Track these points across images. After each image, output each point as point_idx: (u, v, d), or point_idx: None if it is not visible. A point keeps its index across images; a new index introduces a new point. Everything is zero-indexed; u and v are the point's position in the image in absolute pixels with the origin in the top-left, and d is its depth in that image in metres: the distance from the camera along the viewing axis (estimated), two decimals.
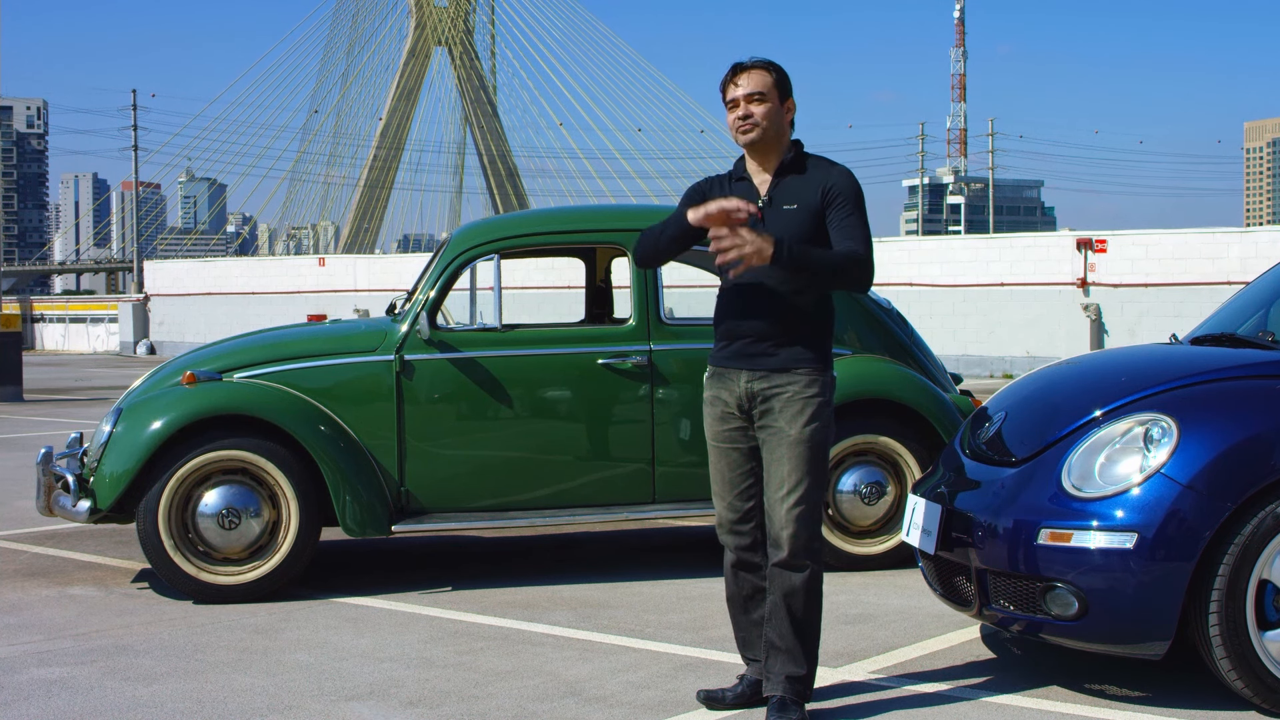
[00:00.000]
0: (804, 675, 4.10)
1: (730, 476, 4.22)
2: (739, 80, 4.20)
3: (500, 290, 6.33)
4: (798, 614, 4.08)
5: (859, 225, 4.10)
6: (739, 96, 4.18)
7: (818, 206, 4.12)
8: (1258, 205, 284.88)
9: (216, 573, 5.96)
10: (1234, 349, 4.77)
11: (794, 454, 4.05)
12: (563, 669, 4.78)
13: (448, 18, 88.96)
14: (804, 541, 4.04)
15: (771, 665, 4.12)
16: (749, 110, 4.16)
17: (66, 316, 43.73)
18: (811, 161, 4.23)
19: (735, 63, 4.24)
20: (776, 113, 4.18)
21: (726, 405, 4.21)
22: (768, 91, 4.18)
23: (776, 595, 4.09)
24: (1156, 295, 22.99)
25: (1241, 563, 3.98)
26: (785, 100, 4.21)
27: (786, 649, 4.09)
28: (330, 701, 4.43)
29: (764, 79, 4.19)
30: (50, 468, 6.30)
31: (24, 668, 4.90)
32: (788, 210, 4.13)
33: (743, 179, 4.25)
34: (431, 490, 6.20)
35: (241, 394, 6.10)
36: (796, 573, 4.06)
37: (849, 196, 4.12)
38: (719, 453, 4.24)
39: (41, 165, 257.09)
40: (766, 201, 4.17)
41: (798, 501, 4.04)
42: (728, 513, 4.23)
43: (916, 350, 6.75)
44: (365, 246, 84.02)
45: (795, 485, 4.04)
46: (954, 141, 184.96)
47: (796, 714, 4.04)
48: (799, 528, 4.03)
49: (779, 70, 4.23)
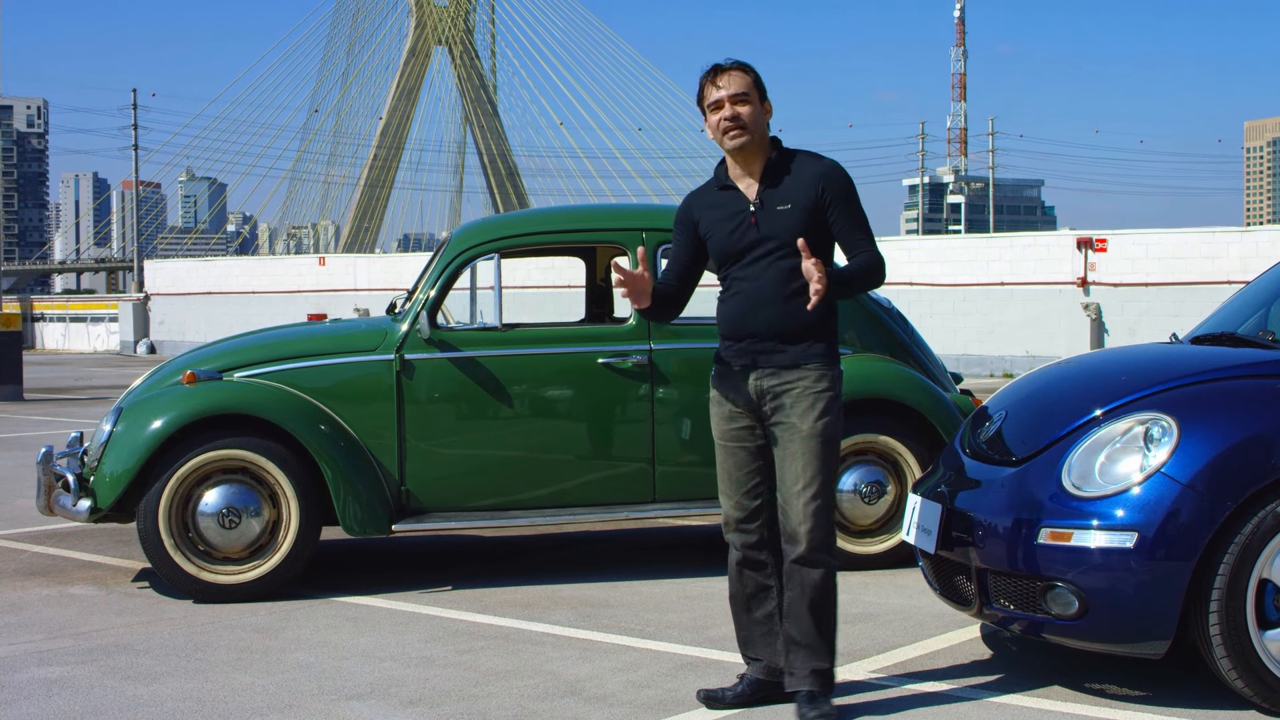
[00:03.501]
0: (827, 668, 4.16)
1: (738, 475, 4.22)
2: (720, 81, 4.17)
3: (500, 290, 6.33)
4: (818, 609, 4.13)
5: (864, 224, 4.18)
6: (723, 98, 4.15)
7: (814, 204, 4.13)
8: (1258, 205, 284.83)
9: (217, 572, 5.96)
10: (1234, 348, 4.77)
11: (808, 449, 4.08)
12: (563, 668, 4.78)
13: (448, 17, 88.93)
14: (821, 537, 4.09)
15: (794, 661, 4.16)
16: (735, 112, 4.14)
17: (67, 316, 43.74)
18: (795, 157, 4.22)
19: (713, 64, 4.22)
20: (759, 114, 4.18)
21: (734, 404, 4.21)
22: (749, 92, 4.17)
23: (795, 592, 4.13)
24: (1156, 294, 22.98)
25: (1242, 562, 3.98)
26: (764, 101, 4.21)
27: (808, 644, 4.13)
28: (330, 701, 4.43)
29: (745, 80, 4.18)
30: (50, 467, 6.30)
31: (24, 667, 4.90)
32: (782, 211, 4.13)
33: (728, 187, 4.24)
34: (432, 490, 6.20)
35: (242, 393, 6.10)
36: (815, 569, 4.11)
37: (848, 194, 4.16)
38: (726, 451, 4.24)
39: (41, 165, 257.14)
40: (758, 204, 4.16)
41: (814, 496, 4.08)
42: (735, 511, 4.24)
43: (917, 349, 6.75)
44: (365, 246, 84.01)
45: (810, 480, 4.07)
46: (954, 141, 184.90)
47: (826, 705, 4.10)
48: (816, 524, 4.08)
49: (755, 72, 4.23)
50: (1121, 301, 23.44)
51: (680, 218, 4.35)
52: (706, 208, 4.27)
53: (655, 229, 6.43)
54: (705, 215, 4.26)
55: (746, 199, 4.19)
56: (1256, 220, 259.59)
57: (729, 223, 4.19)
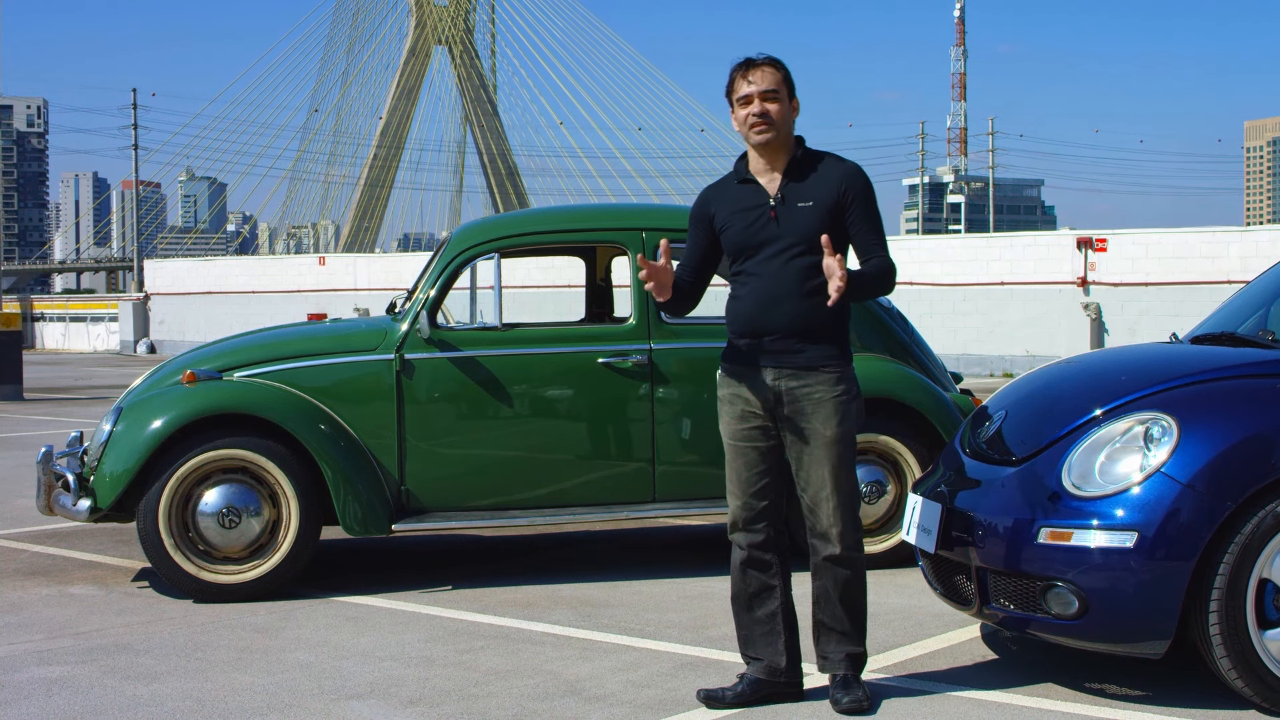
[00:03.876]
0: (861, 652, 4.27)
1: (747, 476, 4.23)
2: (751, 76, 4.17)
3: (500, 289, 6.33)
4: (851, 601, 4.24)
5: (880, 229, 4.22)
6: (752, 93, 4.15)
7: (835, 204, 4.15)
8: (1258, 205, 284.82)
9: (217, 572, 5.96)
10: (1234, 348, 4.77)
11: (833, 454, 4.16)
12: (563, 668, 4.78)
13: (448, 17, 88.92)
14: (851, 536, 4.20)
15: (827, 646, 4.27)
16: (765, 109, 4.14)
17: (67, 315, 43.72)
18: (819, 158, 4.23)
19: (745, 58, 4.21)
20: (787, 111, 4.19)
21: (748, 404, 4.22)
22: (779, 89, 4.18)
23: (827, 584, 4.24)
24: (1156, 294, 22.98)
25: (1241, 562, 3.98)
26: (793, 99, 4.22)
27: (842, 631, 4.24)
28: (330, 701, 4.43)
29: (776, 76, 4.18)
30: (50, 466, 6.30)
31: (24, 667, 4.90)
32: (802, 208, 4.14)
33: (748, 180, 4.24)
34: (432, 489, 6.20)
35: (242, 393, 6.10)
36: (849, 566, 4.22)
37: (868, 198, 4.20)
38: (736, 451, 4.25)
39: (41, 164, 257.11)
40: (779, 199, 4.17)
41: (844, 499, 4.18)
42: (742, 511, 4.25)
43: (917, 349, 6.75)
44: (365, 245, 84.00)
45: (838, 484, 4.17)
46: (954, 140, 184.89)
47: (860, 690, 4.19)
48: (846, 525, 4.19)
49: (786, 68, 4.23)
50: (1121, 301, 23.44)
51: (696, 211, 4.35)
52: (724, 200, 4.27)
53: (655, 229, 6.43)
54: (723, 208, 4.26)
55: (767, 193, 4.19)
56: (1256, 220, 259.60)
57: (747, 215, 4.19)
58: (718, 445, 6.28)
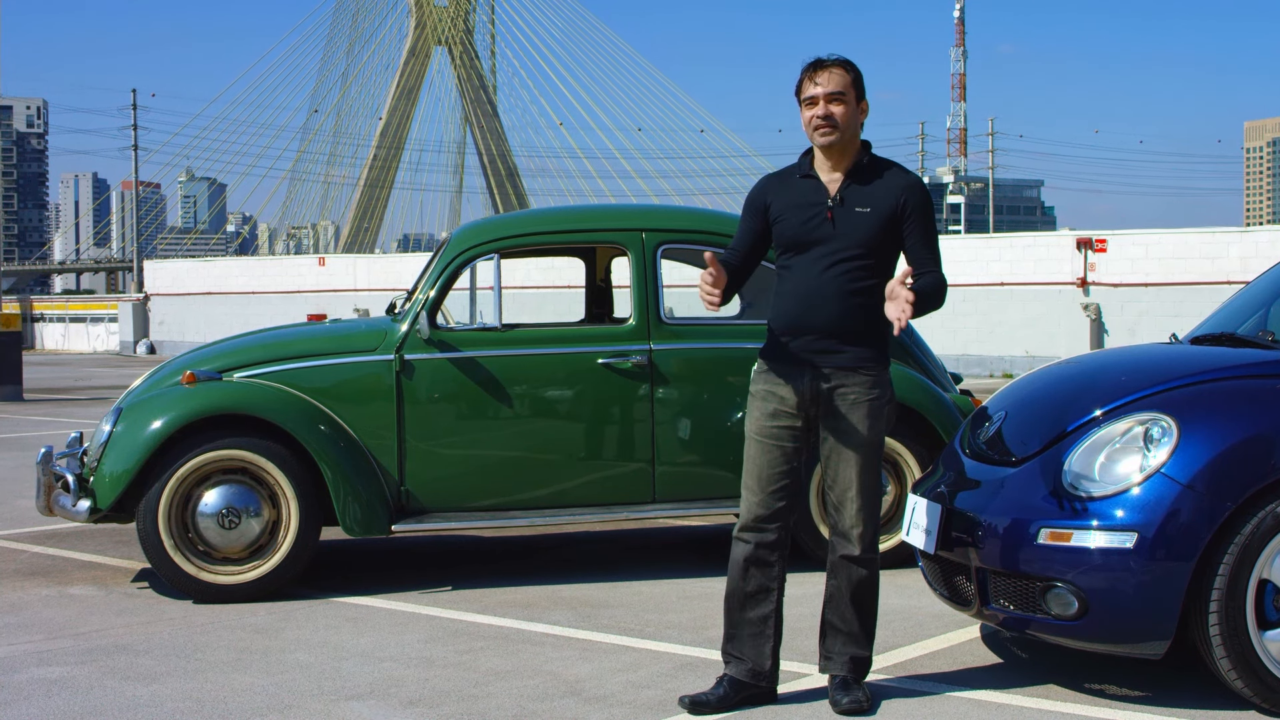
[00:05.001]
0: (866, 656, 4.28)
1: (768, 473, 4.21)
2: (818, 78, 4.16)
3: (500, 290, 6.33)
4: (860, 602, 4.26)
5: (935, 245, 4.25)
6: (818, 95, 4.14)
7: (893, 213, 4.15)
8: (1258, 205, 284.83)
9: (216, 572, 5.96)
10: (1234, 349, 4.77)
11: (865, 456, 4.19)
12: (562, 668, 4.78)
13: (448, 17, 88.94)
14: (871, 538, 4.25)
15: (832, 645, 4.28)
16: (829, 111, 4.13)
17: (66, 316, 43.72)
18: (883, 165, 4.23)
19: (815, 59, 4.20)
20: (854, 113, 4.17)
21: (782, 402, 4.20)
22: (847, 91, 4.16)
23: (841, 583, 4.27)
24: (1156, 295, 22.98)
25: (1241, 562, 3.98)
26: (861, 101, 4.20)
27: (850, 632, 4.26)
28: (330, 701, 4.43)
29: (844, 78, 4.16)
30: (50, 467, 6.30)
31: (24, 667, 4.90)
32: (860, 213, 4.14)
33: (809, 176, 4.23)
34: (431, 490, 6.20)
35: (241, 393, 6.10)
36: (865, 567, 4.25)
37: (927, 211, 4.21)
38: (761, 448, 4.22)
39: (41, 165, 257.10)
40: (838, 201, 4.16)
41: (867, 501, 4.21)
42: (759, 509, 4.21)
43: (916, 350, 6.75)
44: (365, 246, 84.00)
45: (864, 486, 4.20)
46: (954, 141, 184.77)
47: (860, 692, 4.20)
48: (868, 527, 4.23)
49: (856, 69, 4.21)
50: (1121, 302, 23.44)
51: (753, 198, 4.33)
52: (783, 192, 4.26)
53: (655, 229, 6.43)
54: (779, 199, 4.25)
55: (827, 192, 4.18)
56: (1256, 220, 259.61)
57: (804, 211, 4.19)
58: (718, 445, 6.33)
